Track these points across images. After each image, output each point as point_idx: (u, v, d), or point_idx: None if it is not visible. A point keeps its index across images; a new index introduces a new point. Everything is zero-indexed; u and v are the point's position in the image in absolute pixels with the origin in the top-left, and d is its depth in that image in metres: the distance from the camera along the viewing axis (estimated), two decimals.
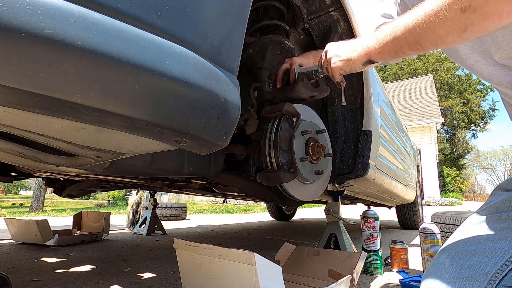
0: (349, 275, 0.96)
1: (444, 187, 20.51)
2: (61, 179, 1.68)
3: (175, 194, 10.79)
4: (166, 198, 13.77)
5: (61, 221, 4.35)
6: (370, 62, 0.69)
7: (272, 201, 1.48)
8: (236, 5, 0.55)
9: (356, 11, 1.25)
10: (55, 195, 1.88)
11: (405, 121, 11.82)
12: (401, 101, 14.61)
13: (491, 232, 0.51)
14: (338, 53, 0.77)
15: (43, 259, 1.62)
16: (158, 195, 4.02)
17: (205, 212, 7.59)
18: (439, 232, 1.39)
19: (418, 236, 1.58)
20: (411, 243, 2.42)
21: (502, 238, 0.49)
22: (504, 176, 33.63)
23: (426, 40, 0.52)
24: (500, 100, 0.75)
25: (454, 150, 26.84)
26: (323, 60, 0.85)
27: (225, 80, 0.51)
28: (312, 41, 1.32)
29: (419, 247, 1.49)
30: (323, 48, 1.11)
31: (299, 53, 1.43)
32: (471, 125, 27.02)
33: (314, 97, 1.05)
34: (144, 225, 2.76)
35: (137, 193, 3.42)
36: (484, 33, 0.46)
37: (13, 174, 1.32)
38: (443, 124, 20.67)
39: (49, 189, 1.95)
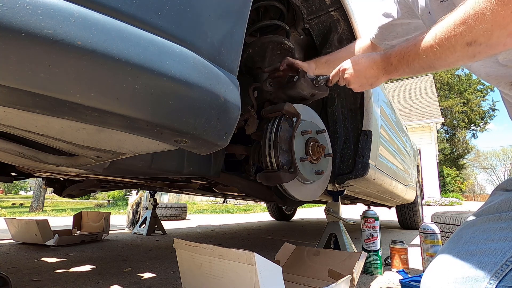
0: (349, 275, 0.96)
1: (444, 187, 20.50)
2: (61, 179, 1.68)
3: (175, 194, 10.79)
4: (166, 198, 13.77)
5: (61, 221, 4.35)
6: (389, 79, 0.77)
7: (272, 201, 1.48)
8: (236, 5, 0.55)
9: (356, 11, 1.25)
10: (55, 195, 1.88)
11: (405, 121, 11.81)
12: (401, 101, 14.60)
13: (491, 232, 0.51)
14: (361, 83, 0.81)
15: (43, 259, 1.62)
16: (158, 195, 4.02)
17: (205, 212, 7.59)
18: (439, 232, 1.39)
19: (418, 236, 1.58)
20: (411, 243, 2.42)
21: (502, 238, 0.49)
22: (504, 176, 33.61)
23: (440, 66, 0.57)
24: (500, 100, 0.75)
25: (454, 150, 26.83)
26: (341, 83, 0.87)
27: (225, 80, 0.51)
28: (312, 41, 1.32)
29: (419, 247, 1.49)
30: (322, 49, 1.10)
31: (299, 53, 1.43)
32: (471, 125, 27.00)
33: (314, 96, 1.04)
34: (144, 225, 2.76)
35: (137, 193, 3.42)
36: (491, 56, 0.50)
37: (13, 174, 1.32)
38: (443, 124, 20.66)
39: (49, 189, 1.95)
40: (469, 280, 0.47)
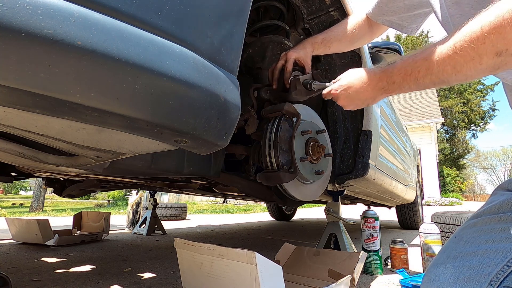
0: (349, 275, 0.96)
1: (444, 187, 20.50)
2: (61, 179, 1.68)
3: (175, 194, 10.79)
4: (166, 198, 13.76)
5: (61, 221, 4.35)
6: (389, 96, 0.71)
7: (272, 201, 1.48)
8: (236, 5, 0.55)
9: (356, 11, 1.25)
10: (55, 195, 1.89)
11: (405, 121, 11.81)
12: (401, 101, 14.61)
13: (493, 233, 0.51)
14: (356, 104, 0.75)
15: (43, 259, 1.62)
16: (158, 195, 4.02)
17: (205, 212, 7.59)
18: (439, 232, 1.39)
19: (418, 236, 1.59)
20: (411, 243, 2.42)
21: (504, 239, 0.48)
22: (504, 176, 33.62)
23: (455, 80, 0.51)
24: (500, 100, 0.74)
25: (454, 150, 26.82)
26: (334, 99, 0.82)
27: (225, 80, 0.51)
28: None
29: (419, 247, 1.49)
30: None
31: None
32: (471, 125, 26.98)
33: (311, 97, 1.04)
34: (144, 225, 2.76)
35: (137, 193, 3.42)
36: None
37: (13, 174, 1.32)
38: (443, 124, 20.66)
39: (49, 189, 1.96)
40: (470, 281, 0.46)
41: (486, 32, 0.42)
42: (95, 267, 1.46)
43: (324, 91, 0.85)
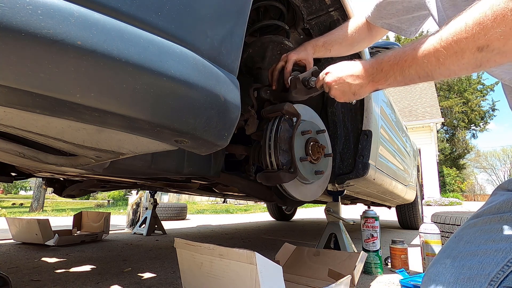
0: (349, 275, 0.96)
1: (444, 187, 20.50)
2: (61, 179, 1.68)
3: (175, 194, 10.78)
4: (166, 198, 13.76)
5: (61, 221, 4.35)
6: (376, 90, 0.70)
7: (272, 201, 1.48)
8: (236, 5, 0.55)
9: (356, 11, 1.25)
10: (55, 195, 1.88)
11: (405, 121, 11.81)
12: (401, 101, 14.60)
13: (493, 233, 0.51)
14: (343, 90, 0.74)
15: (43, 259, 1.62)
16: (158, 195, 4.02)
17: (205, 212, 7.59)
18: (439, 232, 1.39)
19: (418, 236, 1.59)
20: (411, 243, 2.42)
21: (504, 239, 0.48)
22: (504, 176, 33.61)
23: (439, 74, 0.52)
24: (500, 100, 0.74)
25: (454, 150, 26.80)
26: (325, 89, 0.82)
27: (225, 80, 0.51)
28: None
29: (419, 247, 1.50)
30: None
31: None
32: (471, 125, 26.96)
33: (311, 96, 1.04)
34: (144, 225, 2.76)
35: (137, 193, 3.42)
36: (497, 66, 0.46)
37: (13, 174, 1.32)
38: (443, 124, 20.65)
39: (49, 189, 1.96)
40: (470, 281, 0.46)
41: (469, 27, 0.44)
42: (95, 267, 1.46)
43: (320, 76, 0.84)
